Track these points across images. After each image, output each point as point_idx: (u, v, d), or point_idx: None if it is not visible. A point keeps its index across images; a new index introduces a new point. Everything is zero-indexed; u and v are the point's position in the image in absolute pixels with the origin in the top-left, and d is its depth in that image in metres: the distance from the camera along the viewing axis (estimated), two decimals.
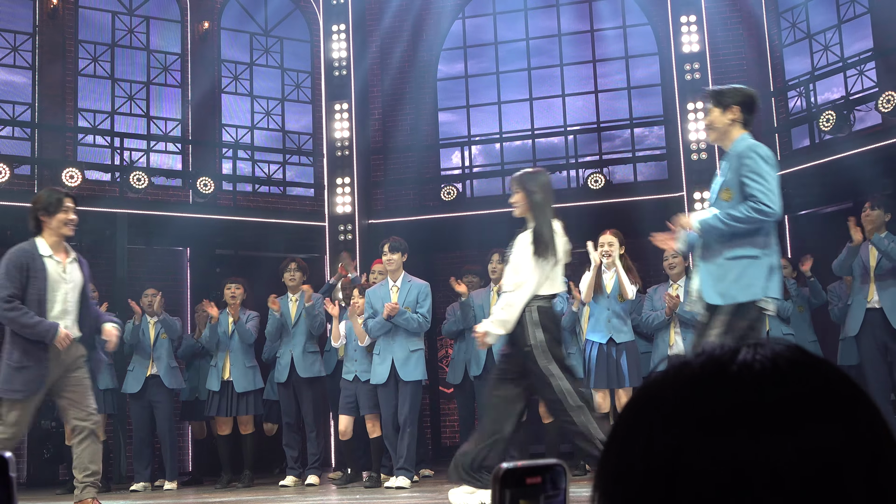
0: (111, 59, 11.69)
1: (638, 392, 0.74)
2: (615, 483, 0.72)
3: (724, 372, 0.71)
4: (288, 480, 8.54)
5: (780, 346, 0.73)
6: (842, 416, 0.69)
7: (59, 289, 5.53)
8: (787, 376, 0.70)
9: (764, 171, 4.64)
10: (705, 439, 0.68)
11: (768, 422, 0.68)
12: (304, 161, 12.51)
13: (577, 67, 12.49)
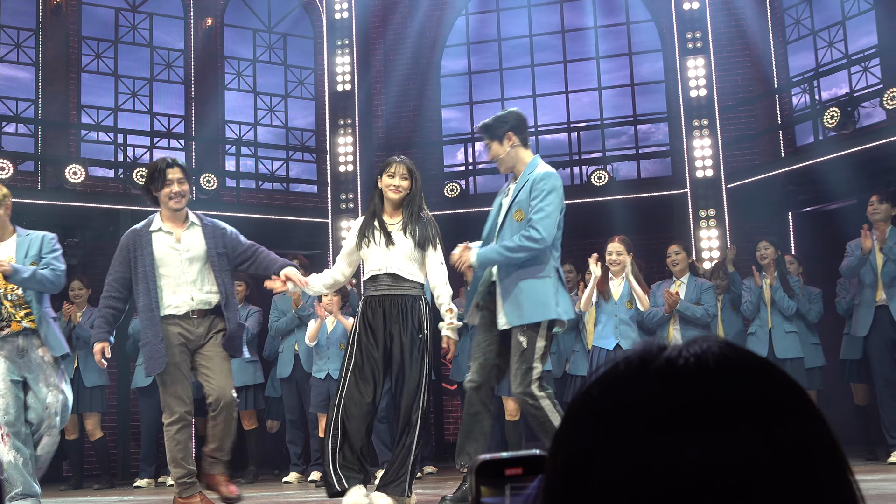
0: (114, 56, 11.70)
1: (574, 398, 0.73)
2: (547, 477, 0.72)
3: (646, 369, 0.69)
4: (291, 477, 8.56)
5: (713, 343, 0.71)
6: (760, 424, 0.66)
7: (171, 262, 5.36)
8: (711, 375, 0.67)
9: (547, 202, 4.96)
10: (619, 436, 0.67)
11: (676, 422, 0.65)
12: (308, 157, 12.51)
13: (581, 64, 12.47)
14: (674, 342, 2.69)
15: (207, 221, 5.51)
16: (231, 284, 5.46)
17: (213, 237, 5.42)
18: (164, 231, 5.41)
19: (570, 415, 0.72)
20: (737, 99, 11.41)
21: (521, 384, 5.00)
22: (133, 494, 7.97)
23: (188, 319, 5.35)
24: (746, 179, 10.55)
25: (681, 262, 7.97)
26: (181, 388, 5.32)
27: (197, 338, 5.35)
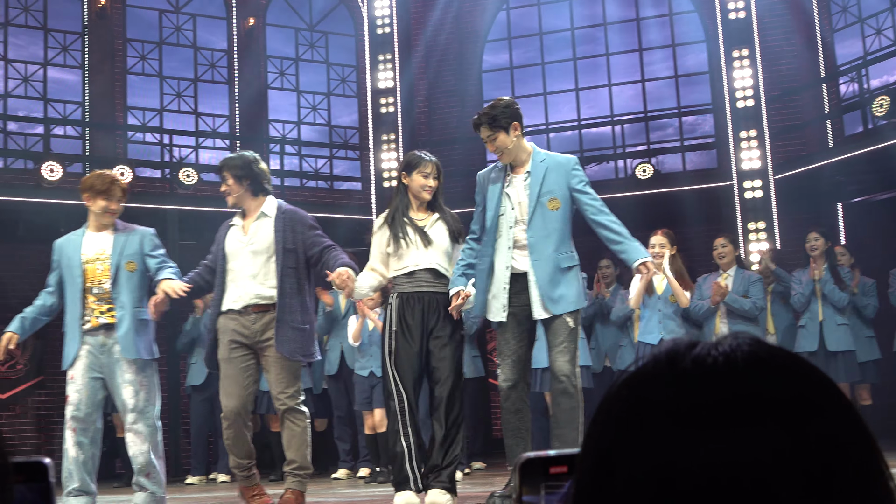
0: (159, 57, 11.82)
1: (606, 393, 0.73)
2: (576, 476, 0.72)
3: (674, 367, 0.69)
4: (340, 473, 8.59)
5: (744, 340, 0.70)
6: (790, 423, 0.65)
7: (238, 255, 5.33)
8: (740, 373, 0.67)
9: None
10: (646, 435, 0.67)
11: (706, 420, 0.65)
12: (351, 155, 12.55)
13: (624, 56, 12.38)
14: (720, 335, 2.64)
15: (283, 212, 5.39)
16: (294, 282, 5.27)
17: (283, 230, 5.30)
18: (238, 225, 5.42)
19: (599, 413, 0.72)
20: (783, 89, 11.26)
21: (570, 363, 4.90)
22: (185, 492, 8.05)
23: (245, 315, 5.26)
24: (794, 170, 10.42)
25: (727, 254, 7.87)
26: (230, 384, 5.25)
27: (253, 334, 5.24)
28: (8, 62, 11.05)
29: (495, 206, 5.08)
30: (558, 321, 4.94)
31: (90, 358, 5.40)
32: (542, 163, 5.06)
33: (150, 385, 5.46)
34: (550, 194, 4.99)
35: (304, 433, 5.26)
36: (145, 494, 5.35)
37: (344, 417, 8.76)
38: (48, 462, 0.75)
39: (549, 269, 4.96)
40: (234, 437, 5.24)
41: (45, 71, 11.21)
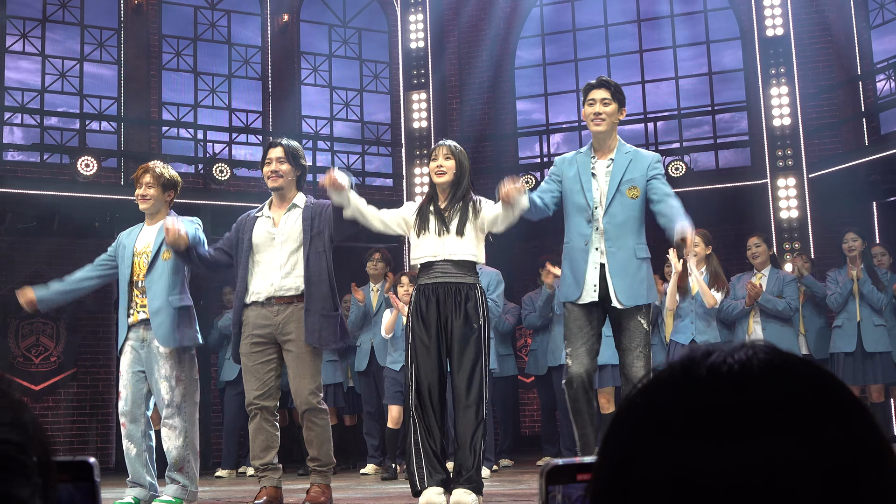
0: (194, 53, 11.91)
1: (622, 401, 0.74)
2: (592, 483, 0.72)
3: (689, 375, 0.69)
4: (368, 469, 8.63)
5: (759, 348, 0.71)
6: (804, 429, 0.65)
7: (266, 247, 5.27)
8: (755, 380, 0.68)
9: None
10: (660, 442, 0.67)
11: (722, 428, 0.66)
12: (383, 151, 12.59)
13: (657, 53, 12.33)
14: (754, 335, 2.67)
15: (312, 203, 5.34)
16: (323, 267, 5.20)
17: (310, 219, 5.26)
18: (266, 216, 5.34)
19: (615, 420, 0.73)
20: (819, 86, 11.17)
21: (645, 368, 4.88)
22: (214, 484, 8.13)
23: (268, 306, 5.22)
24: (829, 169, 10.34)
25: (761, 254, 7.83)
26: (249, 378, 5.25)
27: (277, 326, 5.19)
28: (45, 58, 11.19)
29: (580, 185, 5.06)
30: (633, 323, 4.92)
31: (133, 354, 5.47)
32: (627, 154, 5.08)
33: (188, 379, 5.46)
34: (631, 182, 4.99)
35: (326, 430, 5.23)
36: (177, 487, 5.38)
37: (374, 413, 8.78)
38: (93, 461, 0.77)
39: (624, 258, 4.95)
40: (254, 430, 5.23)
41: (82, 66, 11.33)
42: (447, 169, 5.14)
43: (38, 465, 0.71)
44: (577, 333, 5.02)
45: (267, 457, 5.21)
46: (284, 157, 5.32)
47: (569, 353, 5.04)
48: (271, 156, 5.33)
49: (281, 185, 5.30)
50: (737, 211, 10.69)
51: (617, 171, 5.02)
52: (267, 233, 5.27)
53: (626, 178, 4.99)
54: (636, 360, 4.88)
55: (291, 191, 5.36)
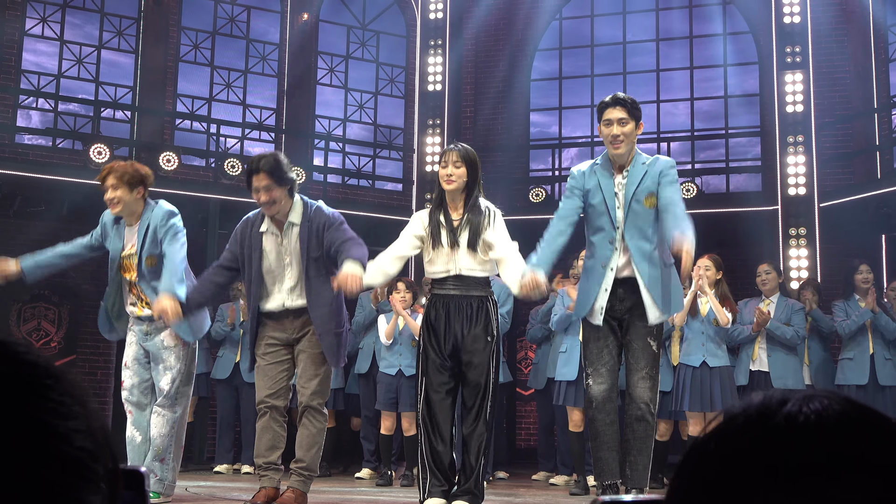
0: (211, 47, 11.94)
1: (690, 447, 0.74)
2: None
3: (766, 424, 0.70)
4: (363, 473, 8.62)
5: (834, 399, 0.71)
6: (881, 484, 0.66)
7: (275, 269, 5.17)
8: (832, 433, 0.68)
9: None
10: (737, 492, 0.68)
11: (800, 479, 0.66)
12: (395, 156, 12.62)
13: (674, 73, 12.35)
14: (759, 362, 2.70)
15: (308, 217, 5.13)
16: (324, 289, 5.08)
17: (307, 240, 5.10)
18: (272, 233, 5.18)
19: (686, 465, 0.73)
20: (835, 116, 11.18)
21: (651, 390, 4.85)
22: (212, 480, 8.13)
23: (282, 319, 5.21)
24: (840, 199, 10.34)
25: (770, 281, 7.83)
26: (261, 376, 5.23)
27: (293, 329, 5.21)
28: (64, 43, 11.22)
29: (604, 200, 4.99)
30: (642, 343, 4.88)
31: (136, 347, 5.51)
32: (644, 165, 4.99)
33: (187, 373, 5.51)
34: (647, 191, 4.92)
35: (320, 435, 5.19)
36: (155, 480, 5.40)
37: (371, 417, 8.77)
38: (144, 470, 0.78)
39: (650, 269, 4.90)
40: (261, 428, 5.20)
41: (99, 53, 11.36)
42: (457, 177, 5.03)
43: (106, 473, 0.73)
44: (597, 354, 4.98)
45: (271, 456, 5.19)
46: (271, 182, 5.01)
47: (589, 373, 5.00)
48: (257, 185, 5.02)
49: (275, 212, 5.10)
50: (745, 236, 10.69)
51: (631, 183, 4.97)
52: (275, 254, 5.17)
53: (640, 187, 4.93)
54: (641, 381, 4.85)
55: (287, 206, 5.14)
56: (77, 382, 0.74)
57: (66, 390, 0.72)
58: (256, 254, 5.15)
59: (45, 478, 0.68)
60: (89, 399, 0.75)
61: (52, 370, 0.73)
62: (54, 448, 0.69)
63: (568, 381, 7.48)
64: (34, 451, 0.68)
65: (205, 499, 6.14)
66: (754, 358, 7.64)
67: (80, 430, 0.71)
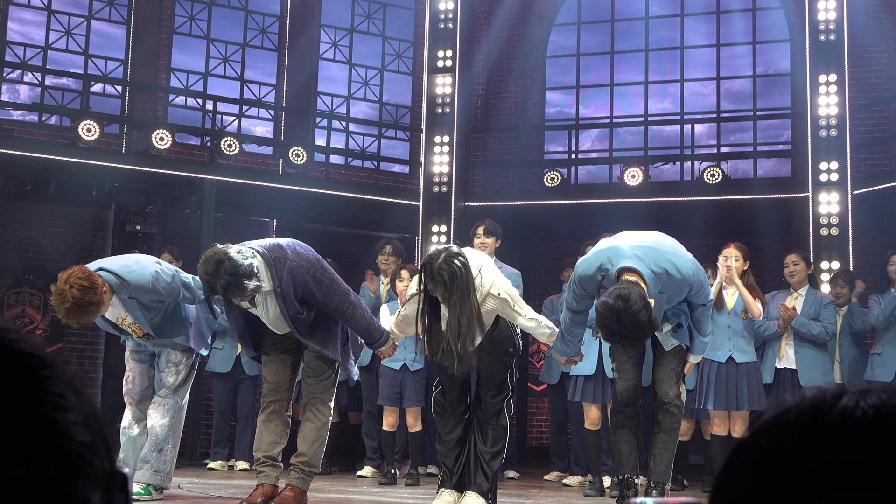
0: (208, 18, 11.89)
1: (739, 442, 0.75)
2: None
3: (820, 420, 0.70)
4: (366, 471, 8.61)
5: (891, 394, 0.71)
6: None
7: (265, 325, 5.34)
8: (892, 429, 0.68)
9: None
10: (791, 489, 0.68)
11: (856, 477, 0.66)
12: (401, 136, 12.56)
13: (699, 51, 12.26)
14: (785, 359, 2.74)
15: (280, 285, 4.98)
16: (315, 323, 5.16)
17: (285, 304, 5.01)
18: (250, 308, 5.24)
19: (736, 459, 0.73)
20: (871, 98, 11.09)
21: (677, 385, 5.00)
22: (206, 476, 8.13)
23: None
24: (875, 186, 10.27)
25: (799, 272, 7.77)
26: (271, 368, 5.31)
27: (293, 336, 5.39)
28: (51, 13, 11.18)
29: None
30: (673, 343, 5.04)
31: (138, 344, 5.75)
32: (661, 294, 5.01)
33: (190, 367, 5.76)
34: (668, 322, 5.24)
35: (324, 429, 5.27)
36: (151, 472, 5.47)
37: (374, 413, 8.74)
38: (126, 471, 0.77)
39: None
40: (263, 422, 5.29)
41: (89, 24, 11.32)
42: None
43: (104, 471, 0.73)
44: (622, 349, 5.10)
45: (272, 450, 5.25)
46: (238, 293, 4.86)
47: (614, 367, 5.16)
48: (234, 300, 4.95)
49: (245, 300, 5.02)
50: (773, 224, 10.63)
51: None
52: (260, 317, 5.22)
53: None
54: (666, 376, 4.95)
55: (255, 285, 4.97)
56: (69, 371, 0.74)
57: (62, 381, 0.72)
58: (241, 313, 5.24)
59: (47, 475, 0.68)
60: (83, 388, 0.75)
61: (48, 360, 0.73)
62: (55, 444, 0.69)
63: (585, 376, 7.44)
64: (35, 448, 0.68)
65: (198, 497, 6.13)
66: (781, 355, 7.59)
67: (78, 423, 0.71)
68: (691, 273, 4.91)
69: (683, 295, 4.97)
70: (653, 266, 4.73)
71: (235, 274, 4.74)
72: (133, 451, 5.63)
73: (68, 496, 0.69)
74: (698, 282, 4.97)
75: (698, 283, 4.97)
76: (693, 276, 4.92)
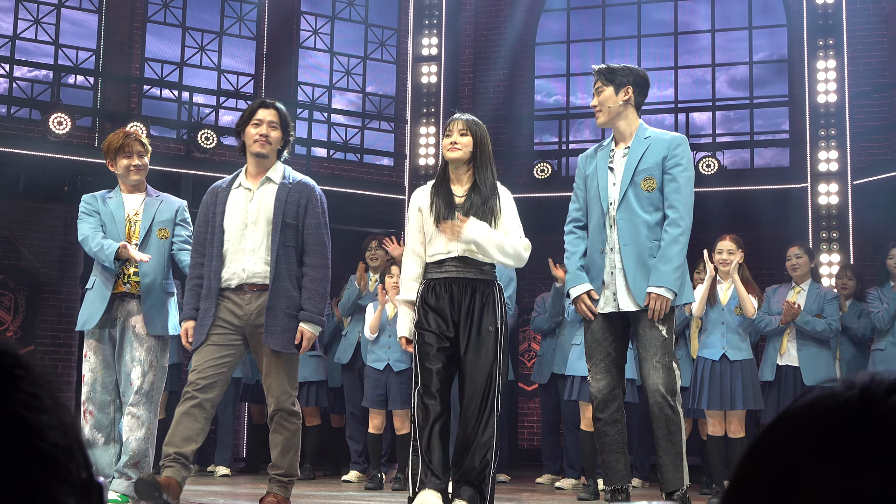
0: (183, 6, 11.81)
1: (773, 421, 0.75)
2: None
3: (871, 412, 0.69)
4: (351, 476, 8.58)
5: None
6: None
7: (235, 224, 5.10)
8: None
9: (687, 175, 4.98)
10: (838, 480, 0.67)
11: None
12: (385, 127, 12.51)
13: (693, 37, 12.24)
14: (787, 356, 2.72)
15: (292, 182, 5.19)
16: (292, 263, 5.08)
17: (284, 201, 5.10)
18: (244, 187, 5.19)
19: (781, 427, 0.73)
20: (871, 85, 11.09)
21: (666, 380, 4.83)
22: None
23: (240, 294, 5.10)
24: (876, 176, 10.27)
25: (802, 266, 7.75)
26: (203, 356, 5.03)
27: (247, 315, 5.06)
28: (19, 1, 11.08)
29: (597, 182, 5.03)
30: (650, 332, 4.86)
31: (103, 333, 5.51)
32: (647, 139, 4.99)
33: (159, 367, 5.52)
34: (646, 173, 4.93)
35: (295, 437, 5.13)
36: (129, 484, 5.37)
37: (358, 415, 8.70)
38: (102, 481, 0.77)
39: (635, 255, 4.90)
40: (181, 415, 4.98)
41: (59, 13, 11.23)
42: (462, 146, 4.99)
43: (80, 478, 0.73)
44: (596, 347, 5.00)
45: (186, 448, 4.97)
46: (278, 122, 5.23)
47: (589, 368, 5.04)
48: (263, 117, 5.19)
49: (268, 152, 5.20)
50: (771, 216, 10.63)
51: (631, 160, 4.97)
52: (242, 208, 5.13)
53: (640, 167, 4.93)
54: (652, 370, 4.83)
55: (272, 161, 5.26)
56: (45, 375, 0.74)
57: (36, 381, 0.72)
58: (220, 209, 5.14)
59: (18, 475, 0.68)
60: (58, 392, 0.74)
61: (22, 359, 0.73)
62: (27, 442, 0.69)
63: (582, 376, 7.42)
64: (7, 445, 0.68)
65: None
66: (782, 351, 7.57)
67: (52, 426, 0.71)
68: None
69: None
70: None
71: (288, 114, 5.32)
72: (105, 464, 5.42)
73: (41, 496, 0.68)
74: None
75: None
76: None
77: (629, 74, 5.04)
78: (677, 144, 4.95)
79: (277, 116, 5.22)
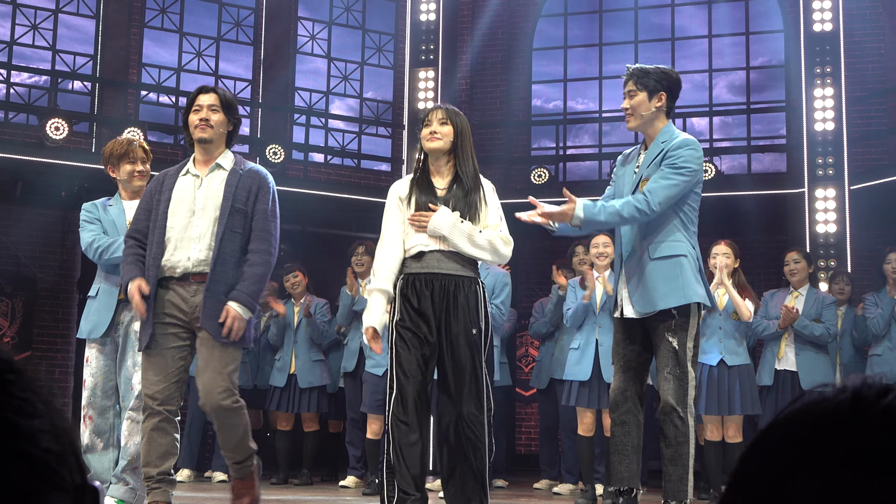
0: (180, 12, 11.85)
1: (769, 425, 0.75)
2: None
3: (862, 415, 0.70)
4: (348, 481, 8.60)
5: None
6: None
7: (181, 211, 4.88)
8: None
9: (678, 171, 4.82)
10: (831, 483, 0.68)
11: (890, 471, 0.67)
12: (382, 132, 12.55)
13: (691, 42, 12.29)
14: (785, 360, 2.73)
15: (244, 169, 4.99)
16: (237, 250, 4.86)
17: (234, 187, 4.90)
18: (192, 174, 4.99)
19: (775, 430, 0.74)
20: (868, 90, 11.14)
21: (677, 391, 4.78)
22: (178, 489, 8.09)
23: (185, 285, 4.87)
24: (873, 181, 10.31)
25: (800, 271, 7.79)
26: (154, 367, 4.84)
27: (192, 309, 4.83)
28: (17, 7, 11.12)
29: (622, 186, 5.02)
30: (661, 341, 4.84)
31: (105, 339, 5.48)
32: (662, 143, 4.92)
33: None
34: (650, 174, 4.89)
35: (245, 430, 4.84)
36: (125, 489, 5.36)
37: (358, 420, 8.74)
38: (98, 485, 0.76)
39: (634, 259, 4.91)
40: (151, 431, 4.79)
41: (56, 18, 11.27)
42: (442, 135, 4.83)
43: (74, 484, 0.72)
44: (616, 349, 5.04)
45: (165, 464, 4.82)
46: (218, 104, 4.98)
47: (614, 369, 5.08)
48: (202, 102, 4.96)
49: (210, 136, 4.93)
50: (768, 221, 10.67)
51: (644, 163, 4.94)
52: (189, 195, 4.93)
53: (648, 172, 4.88)
54: (663, 382, 4.80)
55: (220, 147, 5.01)
56: (37, 380, 0.73)
57: (28, 387, 0.72)
58: (165, 196, 4.93)
59: (10, 481, 0.67)
60: (52, 398, 0.74)
61: (14, 364, 0.72)
62: (18, 448, 0.68)
63: (580, 381, 7.43)
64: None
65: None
66: (780, 356, 7.60)
67: (44, 431, 0.70)
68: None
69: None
70: None
71: (233, 97, 5.14)
72: (103, 469, 5.39)
73: (33, 502, 0.68)
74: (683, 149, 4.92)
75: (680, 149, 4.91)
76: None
77: (663, 79, 4.97)
78: (679, 146, 4.86)
79: (218, 99, 4.99)
